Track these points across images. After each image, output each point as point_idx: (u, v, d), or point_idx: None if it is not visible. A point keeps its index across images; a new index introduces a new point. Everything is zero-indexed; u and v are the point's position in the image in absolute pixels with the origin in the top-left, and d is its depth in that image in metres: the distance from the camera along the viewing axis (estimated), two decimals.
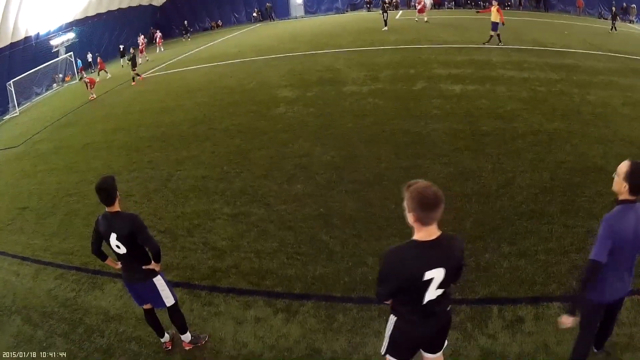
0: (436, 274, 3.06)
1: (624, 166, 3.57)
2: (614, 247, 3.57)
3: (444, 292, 3.21)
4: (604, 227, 3.58)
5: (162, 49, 32.69)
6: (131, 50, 22.82)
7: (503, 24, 20.05)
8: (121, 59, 29.60)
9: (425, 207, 2.98)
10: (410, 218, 3.04)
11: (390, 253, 3.13)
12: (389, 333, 3.50)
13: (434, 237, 3.08)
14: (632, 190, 3.56)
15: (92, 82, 20.52)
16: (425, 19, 27.49)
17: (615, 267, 3.68)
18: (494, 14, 19.93)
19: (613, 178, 3.67)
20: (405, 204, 3.03)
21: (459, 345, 4.89)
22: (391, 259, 3.12)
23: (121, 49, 30.33)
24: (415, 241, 3.08)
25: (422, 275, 3.03)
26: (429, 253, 3.06)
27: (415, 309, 3.23)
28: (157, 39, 33.85)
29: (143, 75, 22.25)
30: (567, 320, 3.79)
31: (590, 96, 12.47)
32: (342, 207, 7.94)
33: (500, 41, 19.78)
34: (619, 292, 3.85)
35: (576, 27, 25.84)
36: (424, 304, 3.18)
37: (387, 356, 3.61)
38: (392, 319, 3.43)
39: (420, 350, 3.58)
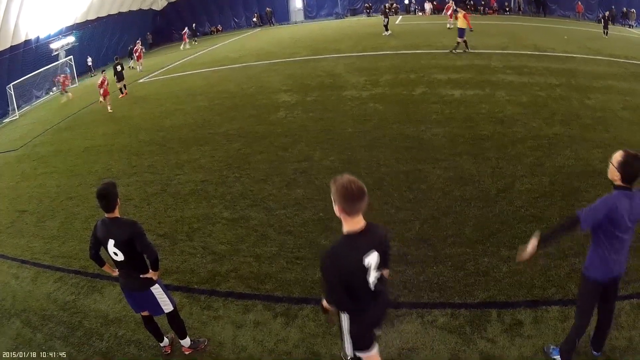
0: (372, 258, 3.33)
1: (618, 155, 3.75)
2: (605, 224, 3.78)
3: (380, 275, 3.50)
4: (599, 200, 3.80)
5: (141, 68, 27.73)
6: (115, 59, 21.39)
7: (471, 29, 20.02)
8: (130, 61, 29.30)
9: (350, 199, 3.19)
10: (336, 210, 3.26)
11: (326, 257, 3.29)
12: (348, 332, 3.64)
13: (360, 225, 3.31)
14: (624, 179, 3.75)
15: (105, 93, 18.52)
16: (449, 25, 26.27)
17: (609, 246, 3.88)
18: (461, 21, 19.68)
19: (609, 165, 3.83)
20: (332, 197, 3.25)
21: (458, 349, 4.89)
22: (330, 261, 3.27)
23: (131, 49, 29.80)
24: (346, 235, 3.30)
25: (362, 261, 3.27)
26: (361, 241, 3.30)
27: (366, 297, 3.42)
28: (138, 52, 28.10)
29: (141, 80, 22.23)
30: (531, 244, 3.95)
31: (590, 100, 12.51)
32: None
33: (467, 48, 19.62)
34: (613, 271, 4.00)
35: (576, 32, 25.90)
36: (372, 290, 3.42)
37: (357, 353, 3.73)
38: (345, 317, 3.57)
39: None
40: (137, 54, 27.48)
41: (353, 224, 3.30)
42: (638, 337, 4.76)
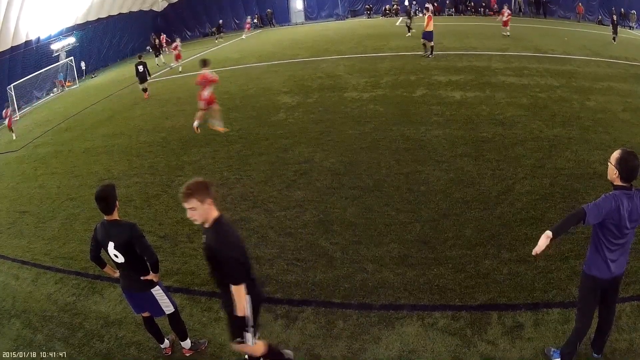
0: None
1: (615, 153, 3.80)
2: (606, 222, 3.82)
3: None
4: (602, 197, 3.83)
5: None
6: (138, 57, 19.75)
7: (429, 32, 19.07)
8: (156, 59, 27.72)
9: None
10: (207, 203, 3.81)
11: (233, 238, 3.95)
12: (251, 317, 4.02)
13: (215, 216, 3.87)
14: (622, 177, 3.78)
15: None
16: (507, 33, 24.08)
17: (609, 245, 3.91)
18: (427, 22, 19.12)
19: (608, 165, 3.88)
20: (203, 197, 3.83)
21: (459, 351, 4.89)
22: (237, 240, 4.03)
23: (154, 43, 29.01)
24: (221, 216, 3.93)
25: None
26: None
27: (252, 269, 4.14)
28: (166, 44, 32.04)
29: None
30: (543, 237, 3.88)
31: (590, 102, 12.52)
32: (343, 213, 7.95)
33: (427, 51, 19.23)
34: (613, 271, 4.00)
35: (576, 33, 25.91)
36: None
37: (254, 340, 4.09)
38: (248, 299, 3.96)
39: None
40: (176, 51, 25.04)
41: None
42: (639, 340, 4.77)
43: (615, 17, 24.31)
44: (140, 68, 18.76)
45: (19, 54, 25.67)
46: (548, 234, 3.80)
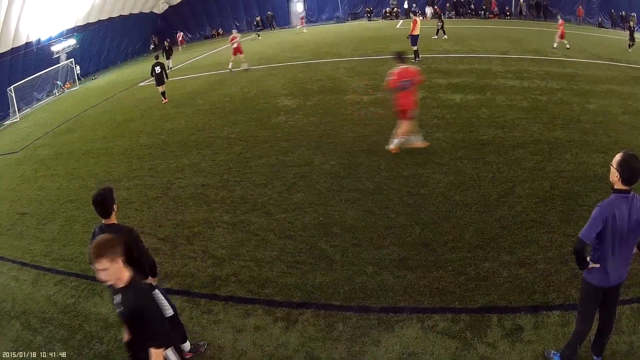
0: None
1: (617, 156, 3.80)
2: (605, 233, 3.80)
3: None
4: (596, 210, 3.81)
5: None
6: (155, 57, 18.26)
7: (414, 35, 18.81)
8: (167, 60, 25.72)
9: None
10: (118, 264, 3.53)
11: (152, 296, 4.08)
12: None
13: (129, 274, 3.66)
14: (623, 180, 3.76)
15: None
16: (567, 45, 21.44)
17: (610, 254, 3.90)
18: (413, 26, 18.78)
19: (610, 169, 3.87)
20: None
21: (459, 354, 4.89)
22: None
23: (166, 48, 26.71)
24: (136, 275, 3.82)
25: None
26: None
27: None
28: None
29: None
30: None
31: (591, 105, 12.52)
32: (342, 215, 7.95)
33: (416, 57, 18.99)
34: (614, 277, 4.01)
35: (576, 36, 25.93)
36: None
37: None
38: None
39: None
40: (234, 44, 21.47)
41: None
42: (638, 342, 4.77)
43: (632, 24, 23.23)
44: (158, 69, 17.34)
45: (19, 55, 25.71)
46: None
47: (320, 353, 5.13)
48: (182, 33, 35.70)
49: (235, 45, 21.39)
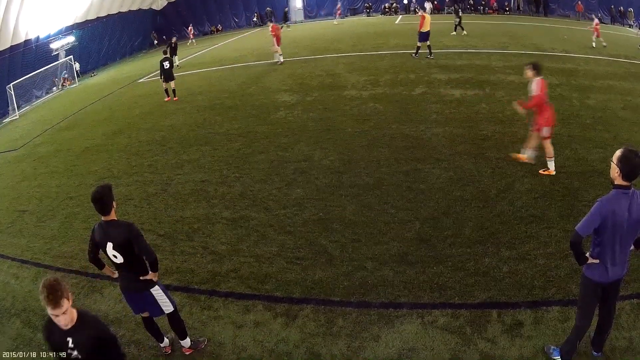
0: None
1: (618, 152, 3.79)
2: (604, 229, 3.81)
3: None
4: (595, 206, 3.83)
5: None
6: (164, 52, 17.54)
7: (422, 32, 18.41)
8: (174, 57, 23.57)
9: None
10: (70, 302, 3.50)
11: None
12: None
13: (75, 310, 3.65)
14: (624, 176, 3.76)
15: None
16: (604, 43, 20.97)
17: (609, 249, 3.91)
18: (421, 23, 18.35)
19: (610, 165, 3.87)
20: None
21: (458, 349, 4.90)
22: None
23: (172, 44, 24.14)
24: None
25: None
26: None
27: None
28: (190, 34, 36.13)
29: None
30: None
31: (590, 100, 12.50)
32: (342, 211, 7.95)
33: (416, 54, 18.79)
34: (613, 273, 4.02)
35: (576, 32, 25.89)
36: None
37: None
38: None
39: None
40: (274, 35, 20.66)
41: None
42: (638, 338, 4.78)
43: (631, 21, 22.76)
44: (166, 64, 16.63)
45: (18, 53, 25.65)
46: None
47: (320, 349, 5.13)
48: (192, 26, 36.31)
49: (276, 35, 20.52)
